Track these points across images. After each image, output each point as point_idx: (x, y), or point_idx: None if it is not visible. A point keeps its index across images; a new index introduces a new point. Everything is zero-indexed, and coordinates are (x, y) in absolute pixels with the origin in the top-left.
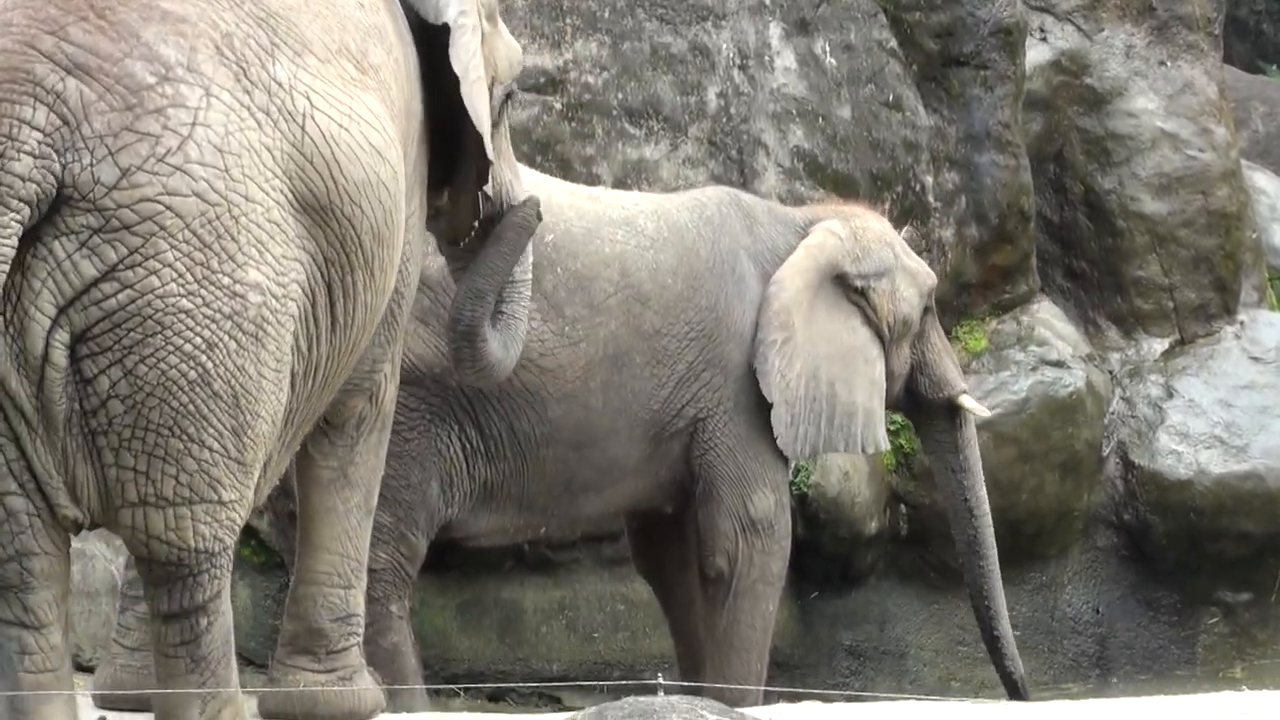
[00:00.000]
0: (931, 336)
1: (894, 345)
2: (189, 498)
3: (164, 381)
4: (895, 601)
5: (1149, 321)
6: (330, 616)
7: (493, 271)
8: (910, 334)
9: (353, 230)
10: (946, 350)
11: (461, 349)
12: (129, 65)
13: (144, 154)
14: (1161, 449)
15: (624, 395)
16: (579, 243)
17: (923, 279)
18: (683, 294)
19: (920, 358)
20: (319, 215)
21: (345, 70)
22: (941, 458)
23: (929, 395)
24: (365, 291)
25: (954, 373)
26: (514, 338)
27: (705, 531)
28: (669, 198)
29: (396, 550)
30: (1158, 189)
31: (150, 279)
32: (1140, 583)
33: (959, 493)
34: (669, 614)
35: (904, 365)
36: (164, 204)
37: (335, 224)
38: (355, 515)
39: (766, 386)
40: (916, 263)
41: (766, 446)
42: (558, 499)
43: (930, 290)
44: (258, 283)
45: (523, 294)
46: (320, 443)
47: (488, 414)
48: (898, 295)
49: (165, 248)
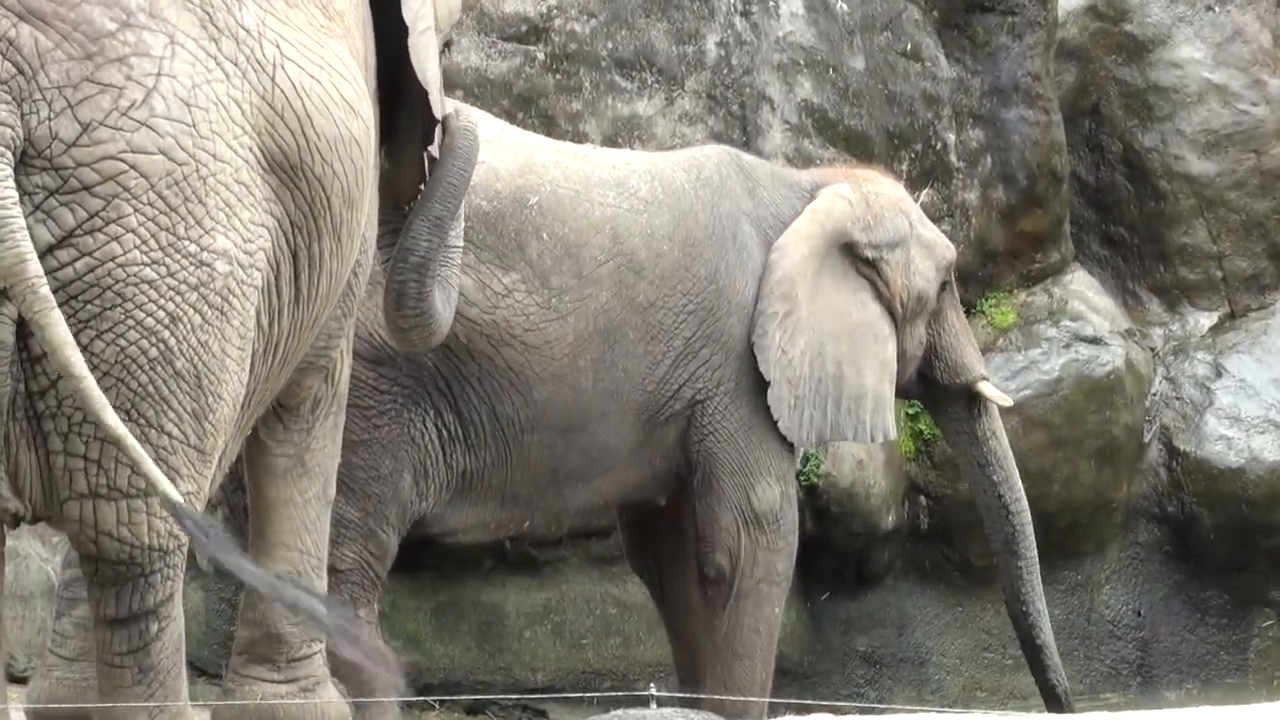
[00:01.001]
0: (949, 316)
1: (907, 324)
2: (144, 489)
3: (122, 359)
4: (915, 603)
5: (1195, 293)
6: (290, 621)
7: (450, 193)
8: (925, 312)
9: (322, 192)
10: (965, 331)
11: (409, 283)
12: (86, 10)
13: (106, 107)
14: (1209, 434)
15: (616, 375)
16: (566, 206)
17: (940, 252)
18: (679, 263)
19: (936, 339)
20: (288, 175)
21: (313, 16)
22: (964, 451)
23: (945, 381)
24: (331, 260)
25: (972, 356)
26: (449, 298)
27: (704, 526)
28: (664, 157)
29: (364, 548)
30: (1205, 147)
31: (111, 245)
32: (1186, 582)
33: (990, 488)
34: (665, 618)
35: (918, 347)
36: (128, 163)
37: (305, 185)
38: (314, 507)
39: (765, 363)
40: (934, 234)
41: (771, 432)
42: (543, 490)
43: (949, 265)
44: (225, 250)
45: (456, 260)
46: (274, 428)
47: (467, 397)
48: (912, 269)
49: (128, 211)
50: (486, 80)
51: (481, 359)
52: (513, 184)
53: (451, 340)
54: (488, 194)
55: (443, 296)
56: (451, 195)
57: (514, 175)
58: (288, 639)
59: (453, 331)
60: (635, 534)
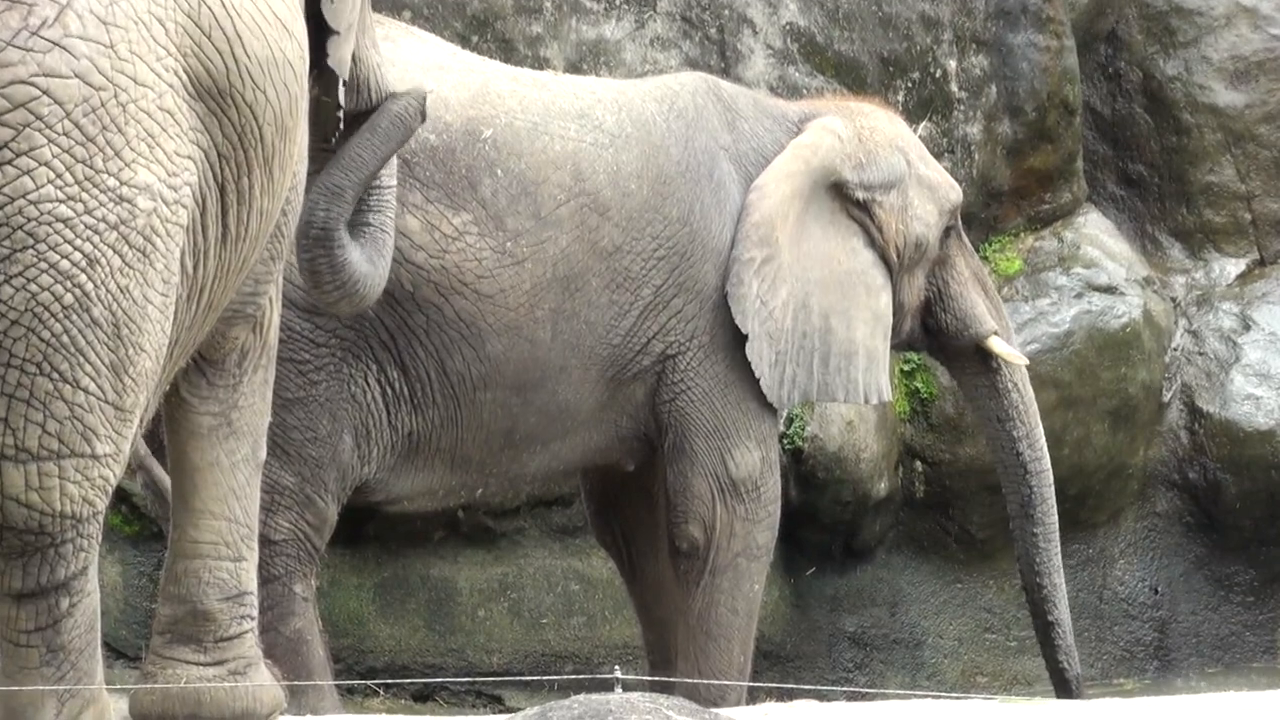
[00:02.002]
0: (956, 262)
1: (904, 273)
2: (57, 450)
3: (33, 307)
4: (909, 579)
5: (1221, 238)
6: (218, 596)
7: (356, 166)
8: (926, 260)
9: (253, 120)
10: (976, 280)
11: (317, 259)
12: None
13: (14, 26)
14: (1235, 393)
15: (577, 327)
16: (523, 139)
17: (943, 194)
18: (649, 202)
19: (942, 288)
20: (216, 101)
21: None
22: (981, 405)
23: (952, 333)
24: (262, 196)
25: (981, 307)
26: (380, 252)
27: (676, 494)
28: (633, 86)
29: (301, 517)
30: (1233, 76)
31: (23, 180)
32: (1209, 556)
33: (1008, 445)
34: (633, 595)
35: (917, 297)
36: (40, 88)
37: (234, 112)
38: (243, 470)
39: (741, 314)
40: (938, 173)
41: (751, 390)
42: (497, 454)
43: (953, 208)
44: (148, 185)
45: (389, 203)
46: (196, 384)
47: (413, 350)
48: (910, 212)
49: (41, 142)
50: (437, 0)
51: (429, 309)
52: (464, 115)
53: (396, 288)
54: (436, 126)
55: (369, 253)
56: (355, 167)
57: (465, 106)
58: (215, 616)
59: (397, 279)
60: (600, 503)
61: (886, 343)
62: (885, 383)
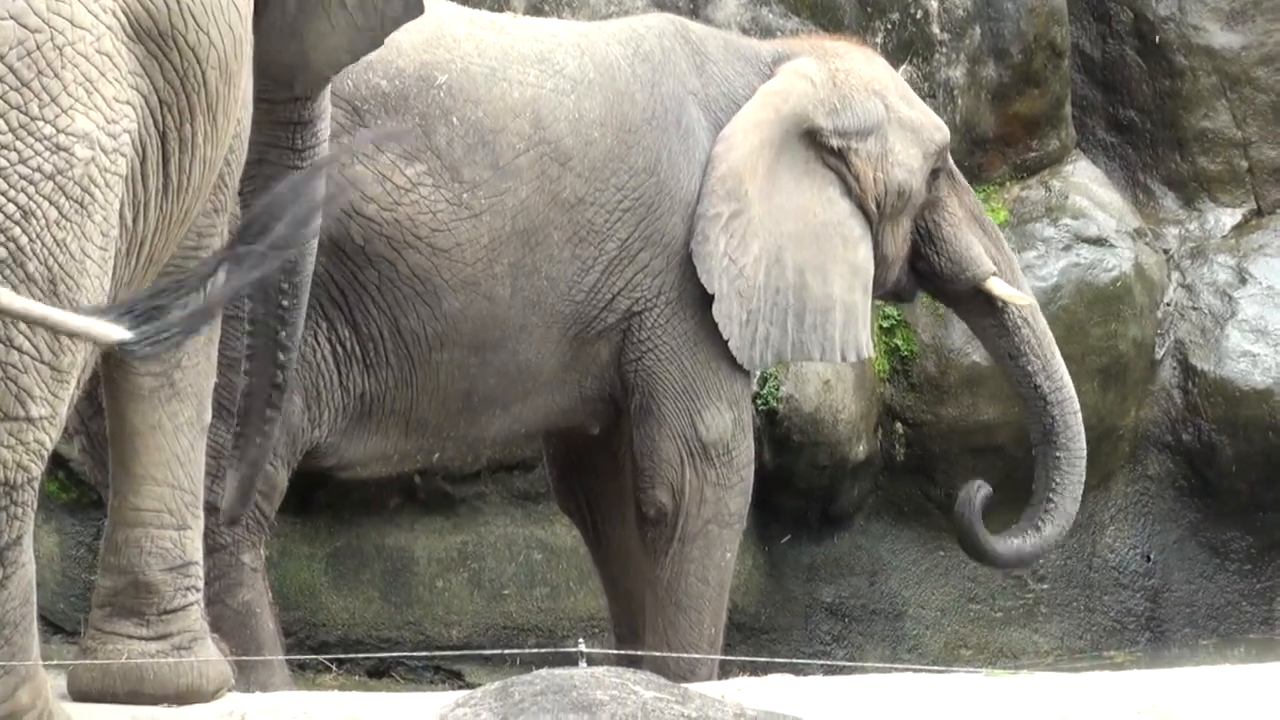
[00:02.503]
0: (948, 204)
1: (887, 222)
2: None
3: None
4: (889, 547)
5: (1216, 186)
6: (161, 566)
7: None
8: (911, 207)
9: (196, 64)
10: (972, 219)
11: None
12: None
13: None
14: (1231, 349)
15: (538, 283)
16: (480, 86)
17: (928, 135)
18: (613, 151)
19: (933, 229)
20: (157, 44)
21: None
22: (992, 344)
23: (948, 277)
24: (205, 144)
25: (977, 248)
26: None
27: (643, 458)
28: (596, 28)
29: None
30: (1229, 16)
31: None
32: (1203, 522)
33: (1024, 379)
34: (599, 564)
35: (902, 246)
36: None
37: (176, 55)
38: (187, 434)
39: (707, 273)
40: (921, 114)
41: (722, 349)
42: (455, 416)
43: (939, 149)
44: (86, 133)
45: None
46: None
47: (364, 308)
48: (889, 159)
49: None
50: None
51: (381, 264)
52: (418, 60)
53: (346, 242)
54: (388, 71)
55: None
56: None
57: (419, 50)
58: (158, 588)
59: (348, 232)
60: (563, 467)
61: (867, 296)
62: (865, 339)
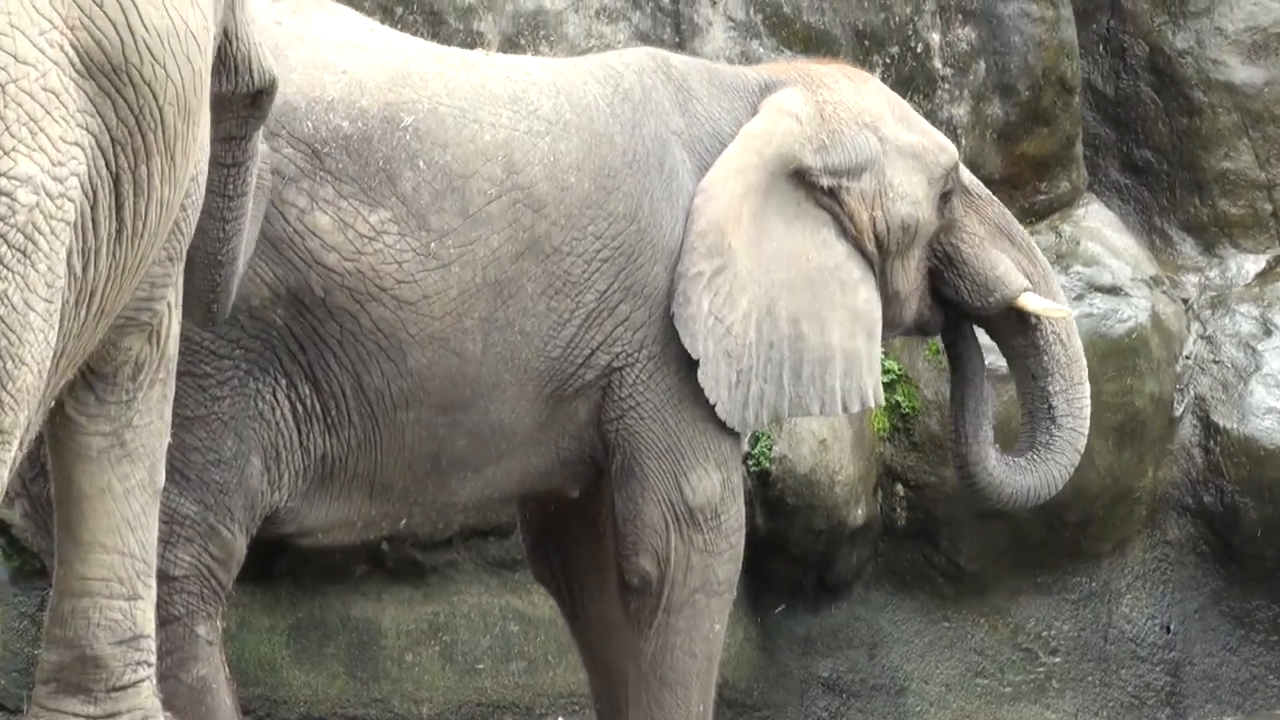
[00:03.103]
0: (966, 224)
1: (896, 258)
2: None
3: None
4: (890, 618)
5: (1238, 231)
6: (110, 639)
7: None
8: (921, 236)
9: (152, 100)
10: (996, 234)
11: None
12: None
13: None
14: (1255, 406)
15: (511, 337)
16: (449, 127)
17: (931, 160)
18: (591, 197)
19: (952, 254)
20: (109, 79)
21: None
22: (1020, 364)
23: (977, 302)
24: (162, 185)
25: (1004, 265)
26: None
27: (625, 523)
28: (572, 66)
29: (204, 550)
30: (1250, 49)
31: None
32: (1226, 590)
33: (1040, 398)
34: (578, 637)
35: (915, 278)
36: None
37: (130, 91)
38: (138, 498)
39: (690, 336)
40: (921, 136)
41: (709, 406)
42: (422, 480)
43: (946, 172)
44: (29, 177)
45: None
46: (85, 401)
47: (325, 364)
48: (889, 195)
49: None
50: None
51: (343, 317)
52: (382, 100)
53: (306, 294)
54: (350, 112)
55: None
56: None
57: (384, 89)
58: (107, 662)
59: (308, 283)
60: (538, 533)
61: (871, 341)
62: (871, 385)
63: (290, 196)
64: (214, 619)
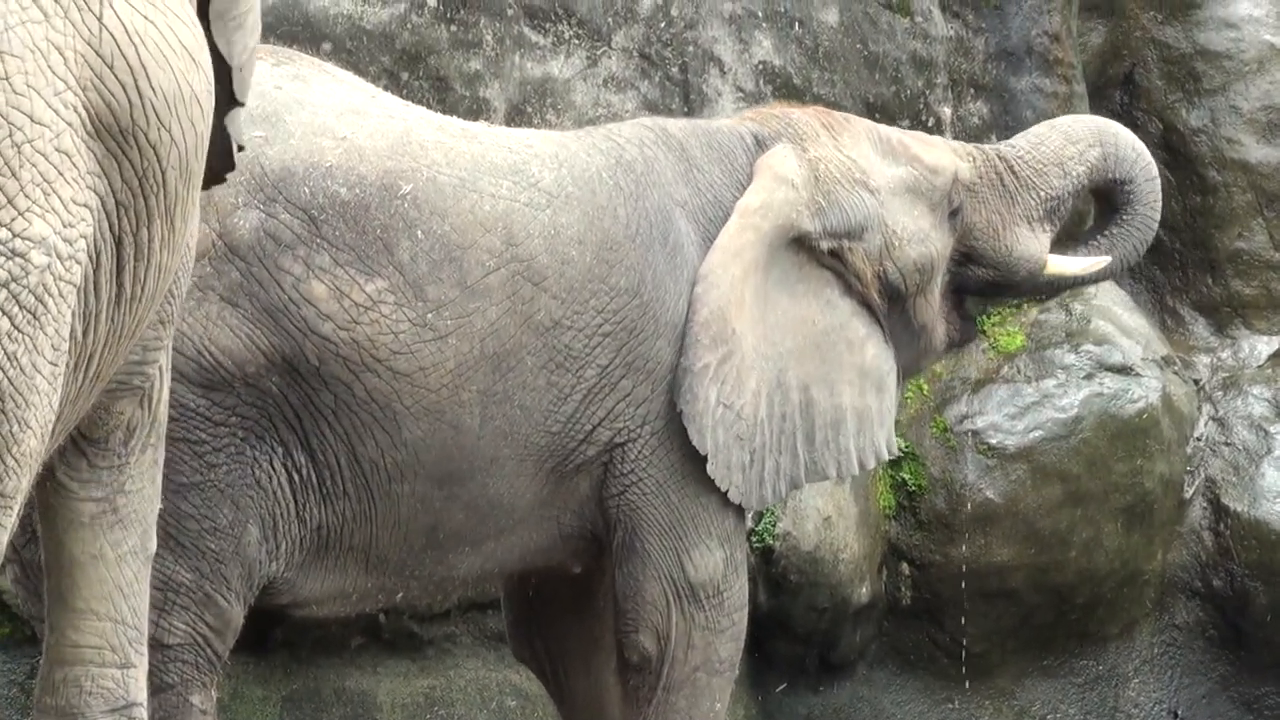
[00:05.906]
0: (974, 222)
1: (917, 296)
2: None
3: None
4: (894, 699)
5: (1252, 312)
6: (102, 708)
7: None
8: (940, 264)
9: (156, 163)
10: (1010, 221)
11: None
12: None
13: None
14: (1267, 489)
15: (510, 412)
16: (448, 197)
17: (927, 186)
18: (593, 271)
19: (971, 253)
20: (117, 141)
21: None
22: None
23: (1006, 285)
24: (162, 250)
25: (1024, 242)
26: None
27: (626, 600)
28: (574, 137)
29: (199, 619)
30: (1265, 128)
31: None
32: (1235, 675)
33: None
34: (567, 716)
35: (940, 302)
36: None
37: (136, 154)
38: (131, 564)
39: (698, 432)
40: (909, 167)
41: (712, 482)
42: (419, 554)
43: (945, 190)
44: (43, 238)
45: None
46: (76, 466)
47: (320, 433)
48: (895, 245)
49: None
50: (362, 31)
51: (337, 387)
52: (381, 167)
53: (300, 362)
54: (348, 179)
55: None
56: None
57: (383, 156)
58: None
59: (302, 352)
60: (520, 609)
61: (881, 395)
62: (884, 440)
63: (286, 264)
64: (208, 689)
